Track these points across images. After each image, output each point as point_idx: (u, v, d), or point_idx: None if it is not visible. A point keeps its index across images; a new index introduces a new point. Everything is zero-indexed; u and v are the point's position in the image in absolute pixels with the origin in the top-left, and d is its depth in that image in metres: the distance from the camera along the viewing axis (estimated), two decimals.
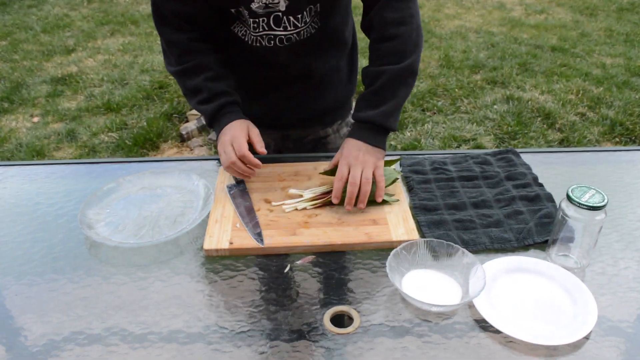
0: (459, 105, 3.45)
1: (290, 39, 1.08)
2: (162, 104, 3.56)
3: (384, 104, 1.05)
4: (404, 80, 1.06)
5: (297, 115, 1.27)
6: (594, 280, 0.87)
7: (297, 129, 1.31)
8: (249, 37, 1.08)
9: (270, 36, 1.07)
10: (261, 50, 1.10)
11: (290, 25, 1.05)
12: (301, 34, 1.08)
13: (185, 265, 0.92)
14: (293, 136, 1.33)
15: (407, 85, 1.07)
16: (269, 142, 1.33)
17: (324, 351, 0.75)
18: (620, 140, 3.05)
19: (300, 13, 1.04)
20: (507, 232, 0.97)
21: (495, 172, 1.15)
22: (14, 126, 3.35)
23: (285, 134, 1.33)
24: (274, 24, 1.05)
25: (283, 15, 1.03)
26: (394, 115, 1.07)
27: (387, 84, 1.04)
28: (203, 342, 0.76)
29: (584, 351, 0.75)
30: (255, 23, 1.04)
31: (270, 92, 1.23)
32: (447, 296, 0.83)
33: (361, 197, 0.99)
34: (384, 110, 1.05)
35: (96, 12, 5.57)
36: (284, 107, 1.26)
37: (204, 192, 1.08)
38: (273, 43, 1.08)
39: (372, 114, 1.05)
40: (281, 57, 1.12)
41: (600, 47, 4.38)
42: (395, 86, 1.05)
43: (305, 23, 1.07)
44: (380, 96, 1.05)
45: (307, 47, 1.11)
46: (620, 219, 1.02)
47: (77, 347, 0.76)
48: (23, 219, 1.05)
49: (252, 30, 1.06)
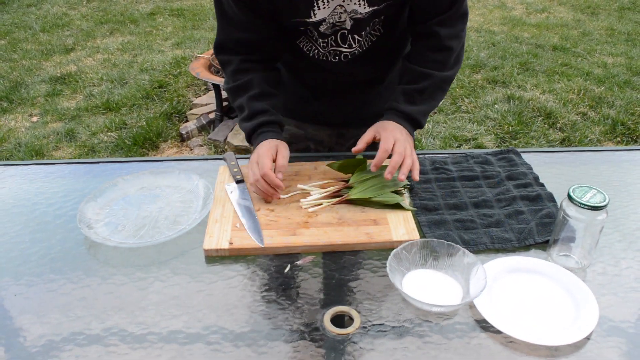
0: (459, 105, 3.44)
1: (354, 54, 1.13)
2: (162, 104, 3.55)
3: (423, 104, 1.11)
4: (444, 87, 1.15)
5: (357, 115, 1.29)
6: (595, 281, 0.87)
7: (353, 128, 1.32)
8: (315, 53, 1.14)
9: (336, 52, 1.12)
10: (326, 63, 1.15)
11: (354, 42, 1.10)
12: (362, 44, 1.12)
13: (185, 265, 0.91)
14: (347, 135, 1.35)
15: (444, 92, 1.16)
16: (322, 138, 1.36)
17: (324, 352, 0.75)
18: (621, 139, 3.05)
19: (364, 30, 1.09)
20: (508, 232, 0.96)
21: (496, 171, 1.15)
22: (13, 126, 3.35)
23: (340, 132, 1.36)
24: (341, 41, 1.10)
25: (348, 33, 1.08)
26: (427, 115, 1.15)
27: (431, 87, 1.11)
28: (203, 343, 0.76)
29: (585, 351, 0.75)
30: (324, 42, 1.10)
31: (336, 95, 1.26)
32: (448, 296, 0.83)
33: (404, 170, 1.00)
34: (423, 110, 1.12)
35: (95, 11, 5.56)
36: (345, 107, 1.29)
37: (204, 192, 1.07)
38: (338, 59, 1.14)
39: (413, 109, 1.10)
40: (347, 68, 1.17)
41: (602, 47, 4.38)
42: (436, 90, 1.13)
43: (368, 35, 1.11)
44: (423, 96, 1.11)
45: (372, 58, 1.16)
46: (621, 219, 1.02)
47: (76, 348, 0.76)
48: (22, 219, 1.05)
49: (320, 48, 1.12)
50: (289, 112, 1.32)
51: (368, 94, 1.28)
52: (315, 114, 1.17)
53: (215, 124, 3.24)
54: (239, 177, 1.11)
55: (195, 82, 3.84)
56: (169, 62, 4.20)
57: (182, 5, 5.66)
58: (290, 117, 1.33)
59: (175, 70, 4.06)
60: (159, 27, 5.01)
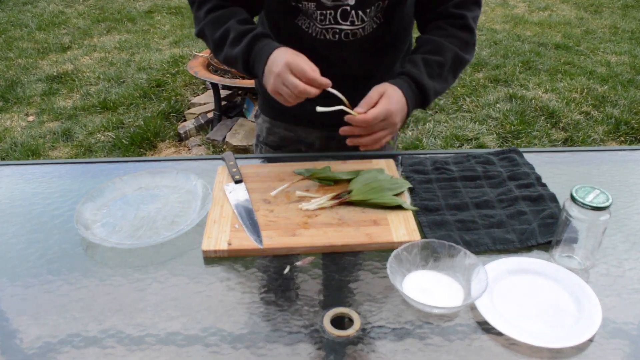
0: (461, 104, 3.44)
1: (355, 34, 1.07)
2: (160, 103, 3.54)
3: (439, 81, 1.05)
4: (458, 69, 1.08)
5: None
6: (598, 282, 0.86)
7: None
8: (314, 30, 1.08)
9: (335, 30, 1.07)
10: (324, 44, 1.09)
11: (357, 19, 1.04)
12: (366, 28, 1.07)
13: (183, 266, 0.91)
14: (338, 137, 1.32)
15: (457, 76, 1.09)
16: (313, 140, 1.32)
17: (324, 354, 0.74)
18: (625, 139, 3.04)
19: (369, 7, 1.04)
20: (510, 233, 0.96)
21: (497, 172, 1.14)
22: (9, 125, 3.33)
23: (331, 134, 1.31)
24: (341, 18, 1.04)
25: (351, 9, 1.03)
26: (437, 96, 1.08)
27: (452, 64, 1.04)
28: (201, 344, 0.75)
29: (588, 354, 0.74)
30: (322, 15, 1.04)
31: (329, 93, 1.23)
32: (449, 298, 0.82)
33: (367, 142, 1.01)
34: (437, 88, 1.05)
35: (92, 9, 5.55)
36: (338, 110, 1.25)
37: (202, 192, 1.06)
38: (338, 37, 1.08)
39: (431, 84, 1.04)
40: (344, 52, 1.11)
41: (605, 45, 4.38)
42: (453, 70, 1.06)
43: (371, 18, 1.06)
44: (443, 72, 1.05)
45: (371, 43, 1.11)
46: (625, 220, 1.01)
47: (73, 350, 0.75)
48: (18, 219, 1.04)
49: (318, 22, 1.05)
50: (278, 115, 1.30)
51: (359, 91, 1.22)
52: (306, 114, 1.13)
53: (214, 123, 3.23)
54: (237, 177, 1.10)
55: (194, 81, 3.83)
56: (167, 60, 4.18)
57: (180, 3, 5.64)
58: (279, 119, 1.31)
59: (173, 69, 4.05)
60: (157, 26, 5.00)
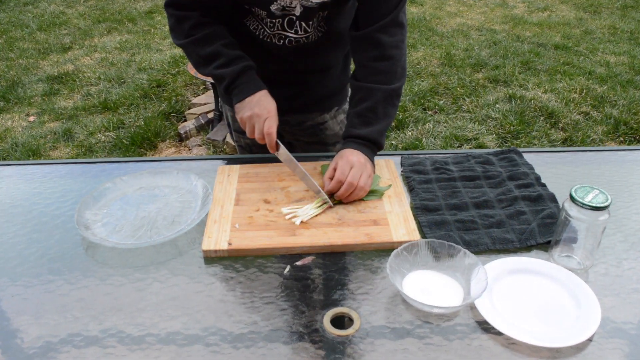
0: (460, 104, 3.43)
1: (299, 41, 1.15)
2: (160, 103, 3.54)
3: (378, 122, 1.10)
4: (394, 101, 1.13)
5: (296, 102, 1.30)
6: (597, 282, 0.86)
7: (296, 114, 1.34)
8: (261, 33, 1.15)
9: (281, 35, 1.14)
10: (272, 46, 1.16)
11: (301, 29, 1.12)
12: (309, 37, 1.15)
13: (184, 266, 0.91)
14: (292, 122, 1.35)
15: (395, 107, 1.15)
16: None
17: (323, 353, 0.74)
18: (624, 139, 3.04)
19: (311, 19, 1.11)
20: (509, 233, 0.96)
21: (497, 172, 1.14)
22: (10, 125, 3.34)
23: (284, 120, 1.34)
24: (287, 26, 1.12)
25: (296, 19, 1.10)
26: (384, 134, 1.13)
27: (381, 103, 1.10)
28: (201, 344, 0.76)
29: (587, 353, 0.74)
30: (271, 23, 1.11)
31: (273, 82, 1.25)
32: (449, 298, 0.82)
33: (350, 198, 1.03)
34: (378, 129, 1.11)
35: (93, 10, 5.55)
36: (284, 95, 1.28)
37: (203, 192, 1.07)
38: (282, 42, 1.15)
39: (368, 131, 1.10)
40: (289, 55, 1.18)
41: (604, 45, 4.37)
42: (387, 106, 1.11)
43: (314, 28, 1.14)
44: (377, 114, 1.11)
45: (313, 47, 1.17)
46: (624, 220, 1.01)
47: (73, 349, 0.75)
48: (19, 219, 1.04)
49: (267, 28, 1.13)
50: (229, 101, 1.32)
51: (308, 81, 1.29)
52: None
53: (214, 123, 3.23)
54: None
55: (194, 82, 3.83)
56: (167, 61, 4.18)
57: None
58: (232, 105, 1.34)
59: (174, 69, 4.05)
60: (157, 26, 5.00)
